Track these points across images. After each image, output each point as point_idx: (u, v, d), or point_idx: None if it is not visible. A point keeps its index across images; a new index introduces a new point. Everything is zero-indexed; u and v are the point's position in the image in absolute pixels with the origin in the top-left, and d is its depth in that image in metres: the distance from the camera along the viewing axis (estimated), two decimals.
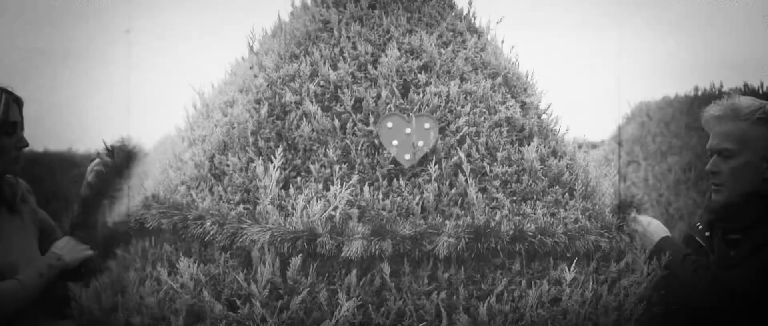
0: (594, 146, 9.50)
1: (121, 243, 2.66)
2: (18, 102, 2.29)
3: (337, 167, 2.72)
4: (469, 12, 3.24)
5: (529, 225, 2.60)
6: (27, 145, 2.34)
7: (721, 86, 7.53)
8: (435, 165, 2.75)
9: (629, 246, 2.82)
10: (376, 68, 2.90)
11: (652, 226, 2.65)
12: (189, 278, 2.48)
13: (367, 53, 2.93)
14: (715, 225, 2.53)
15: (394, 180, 2.75)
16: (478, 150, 2.82)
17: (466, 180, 2.75)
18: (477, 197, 2.72)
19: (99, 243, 2.60)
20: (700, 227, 2.58)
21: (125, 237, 2.64)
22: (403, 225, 2.53)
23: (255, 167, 2.71)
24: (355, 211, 2.63)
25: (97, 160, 2.64)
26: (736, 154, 2.37)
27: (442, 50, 3.00)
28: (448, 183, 2.75)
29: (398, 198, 2.70)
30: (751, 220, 2.35)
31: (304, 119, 2.80)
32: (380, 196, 2.69)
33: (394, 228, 2.50)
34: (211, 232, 2.52)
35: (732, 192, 2.39)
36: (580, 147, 3.15)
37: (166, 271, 2.50)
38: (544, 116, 3.12)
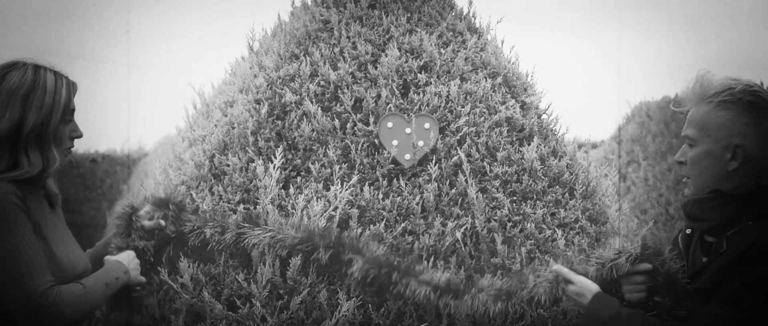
0: (594, 146, 9.50)
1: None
2: (74, 88, 2.16)
3: (337, 167, 2.72)
4: (469, 12, 3.24)
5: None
6: (81, 135, 2.13)
7: None
8: (435, 165, 2.75)
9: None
10: (376, 68, 2.90)
11: (578, 286, 2.15)
12: (189, 278, 2.48)
13: (367, 53, 2.93)
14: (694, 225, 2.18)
15: (394, 180, 2.75)
16: (478, 150, 2.82)
17: (466, 180, 2.75)
18: (477, 197, 2.72)
19: None
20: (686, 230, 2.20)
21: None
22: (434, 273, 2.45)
23: (255, 167, 2.71)
24: (355, 211, 2.63)
25: (154, 222, 2.46)
26: (698, 141, 1.98)
27: (442, 50, 3.00)
28: (448, 183, 2.75)
29: (398, 198, 2.70)
30: (718, 222, 1.97)
31: (304, 119, 2.80)
32: (380, 196, 2.69)
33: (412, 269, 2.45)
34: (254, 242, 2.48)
35: (696, 186, 2.01)
36: (580, 147, 3.15)
37: (166, 271, 2.50)
38: (544, 116, 3.12)
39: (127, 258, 2.24)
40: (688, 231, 2.10)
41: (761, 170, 1.94)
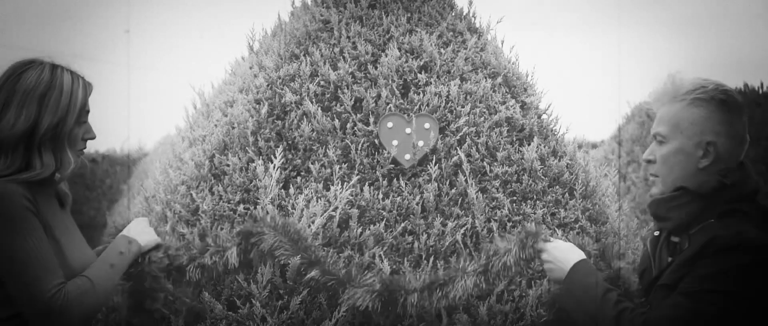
0: (594, 146, 9.50)
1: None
2: (89, 88, 2.12)
3: (337, 167, 2.72)
4: (469, 12, 3.24)
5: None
6: (94, 136, 2.08)
7: None
8: (435, 165, 2.75)
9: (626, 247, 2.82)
10: (376, 68, 2.90)
11: (560, 251, 2.17)
12: (189, 278, 2.48)
13: (367, 53, 2.93)
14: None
15: (394, 180, 2.75)
16: (478, 150, 2.82)
17: (466, 180, 2.75)
18: (477, 197, 2.72)
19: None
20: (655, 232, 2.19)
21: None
22: (412, 280, 2.40)
23: (255, 167, 2.71)
24: (355, 211, 2.63)
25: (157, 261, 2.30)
26: (669, 138, 2.00)
27: (442, 50, 3.00)
28: (448, 183, 2.75)
29: (398, 198, 2.70)
30: (683, 221, 1.98)
31: (304, 119, 2.80)
32: (380, 196, 2.69)
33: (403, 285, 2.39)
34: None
35: (666, 184, 2.02)
36: (580, 147, 3.15)
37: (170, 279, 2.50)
38: (544, 116, 3.12)
39: (132, 226, 2.17)
40: (656, 233, 2.11)
41: (726, 169, 1.97)
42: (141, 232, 2.17)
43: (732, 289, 1.80)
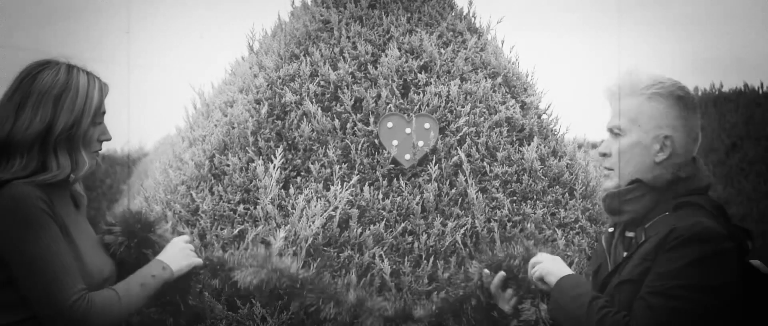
0: (594, 146, 9.49)
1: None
2: (105, 89, 2.09)
3: (337, 167, 2.72)
4: (469, 12, 3.24)
5: None
6: (110, 138, 2.04)
7: (721, 86, 7.53)
8: (435, 165, 2.75)
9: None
10: (376, 68, 2.90)
11: (547, 264, 2.12)
12: None
13: (367, 53, 2.93)
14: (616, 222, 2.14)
15: (394, 180, 2.75)
16: (478, 150, 2.82)
17: (466, 180, 2.75)
18: (477, 197, 2.72)
19: None
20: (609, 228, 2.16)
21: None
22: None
23: (255, 167, 2.71)
24: (355, 211, 2.63)
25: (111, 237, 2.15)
26: (626, 132, 2.01)
27: (442, 50, 3.00)
28: (448, 183, 2.75)
29: (398, 198, 2.70)
30: (637, 214, 1.99)
31: (304, 119, 2.80)
32: (380, 196, 2.69)
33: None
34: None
35: (621, 176, 2.02)
36: (580, 147, 3.15)
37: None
38: (544, 116, 3.12)
39: (168, 249, 2.10)
40: (611, 229, 2.13)
41: (681, 164, 2.00)
42: (177, 255, 2.10)
43: (702, 282, 1.81)
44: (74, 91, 1.94)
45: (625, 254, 2.02)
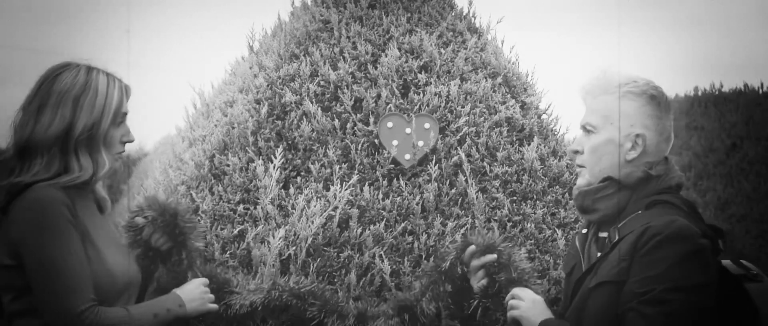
0: None
1: None
2: (128, 91, 2.04)
3: (337, 167, 2.72)
4: (469, 12, 3.24)
5: None
6: (133, 139, 2.03)
7: (721, 86, 7.54)
8: (435, 165, 2.75)
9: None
10: (376, 68, 2.90)
11: (525, 309, 2.06)
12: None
13: (367, 53, 2.93)
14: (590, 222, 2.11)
15: (394, 180, 2.75)
16: (478, 150, 2.82)
17: (466, 180, 2.75)
18: (477, 197, 2.72)
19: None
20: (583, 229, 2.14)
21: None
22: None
23: (255, 167, 2.71)
24: (355, 211, 2.63)
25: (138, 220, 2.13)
26: (599, 129, 2.01)
27: (442, 50, 3.00)
28: (448, 183, 2.75)
29: (398, 198, 2.70)
30: (609, 212, 1.97)
31: (304, 119, 2.80)
32: (380, 196, 2.69)
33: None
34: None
35: (593, 174, 2.01)
36: None
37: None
38: (544, 116, 3.12)
39: (189, 288, 2.07)
40: (584, 230, 2.12)
41: (652, 163, 1.99)
42: (196, 298, 2.07)
43: (689, 282, 1.80)
44: (94, 91, 1.94)
45: (598, 254, 2.00)
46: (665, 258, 1.81)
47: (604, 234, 2.01)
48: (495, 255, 2.12)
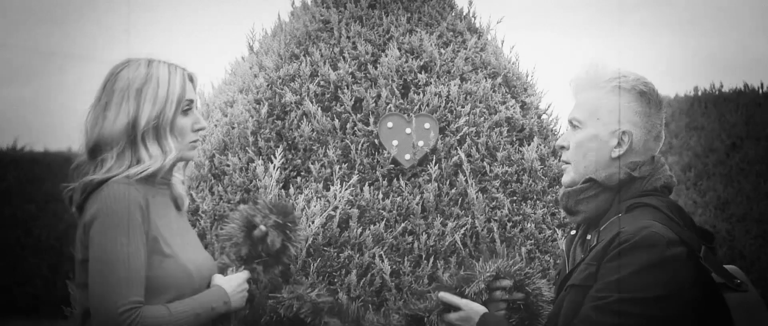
0: None
1: None
2: (192, 78, 2.03)
3: (337, 167, 2.72)
4: (469, 12, 3.24)
5: None
6: (204, 127, 2.03)
7: (721, 86, 7.53)
8: (435, 165, 2.75)
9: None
10: (376, 68, 2.90)
11: (465, 311, 2.04)
12: None
13: (367, 53, 2.93)
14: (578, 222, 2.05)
15: (394, 180, 2.75)
16: (478, 150, 2.82)
17: (466, 180, 2.75)
18: (477, 197, 2.72)
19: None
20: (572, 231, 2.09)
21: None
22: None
23: (255, 167, 2.71)
24: (355, 211, 2.63)
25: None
26: (585, 124, 1.94)
27: (442, 50, 3.00)
28: (448, 183, 2.76)
29: (398, 198, 2.70)
30: (592, 213, 1.92)
31: (304, 119, 2.80)
32: (380, 196, 2.69)
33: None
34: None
35: (578, 171, 1.94)
36: None
37: None
38: (544, 116, 3.12)
39: (235, 282, 2.04)
40: (573, 232, 2.05)
41: (638, 162, 1.92)
42: (238, 293, 2.04)
43: (647, 294, 1.72)
44: (155, 81, 1.95)
45: (582, 256, 1.93)
46: (627, 265, 1.74)
47: (590, 237, 1.95)
48: (523, 295, 2.08)
